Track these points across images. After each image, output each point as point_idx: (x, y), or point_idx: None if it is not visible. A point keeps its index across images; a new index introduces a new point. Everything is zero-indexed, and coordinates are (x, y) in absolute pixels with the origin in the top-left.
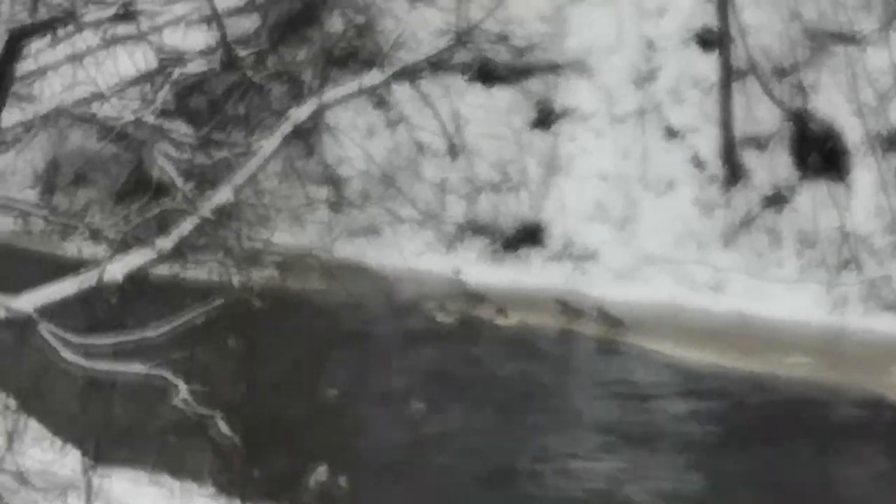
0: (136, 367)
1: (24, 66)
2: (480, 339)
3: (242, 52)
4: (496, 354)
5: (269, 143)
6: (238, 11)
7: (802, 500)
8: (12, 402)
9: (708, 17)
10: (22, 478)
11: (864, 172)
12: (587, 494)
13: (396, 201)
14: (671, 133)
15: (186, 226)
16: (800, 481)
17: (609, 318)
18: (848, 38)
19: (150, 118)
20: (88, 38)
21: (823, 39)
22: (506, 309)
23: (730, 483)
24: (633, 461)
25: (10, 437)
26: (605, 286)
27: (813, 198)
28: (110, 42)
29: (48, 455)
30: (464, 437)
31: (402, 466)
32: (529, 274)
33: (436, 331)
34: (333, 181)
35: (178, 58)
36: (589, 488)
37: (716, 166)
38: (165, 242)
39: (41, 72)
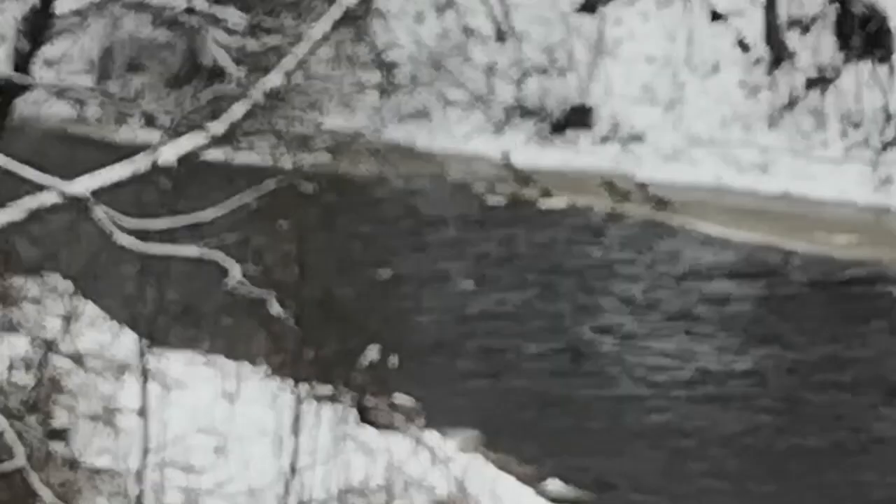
0: (190, 250)
1: None
2: (529, 220)
3: None
4: (544, 235)
5: (318, 28)
6: None
7: (850, 376)
8: (68, 285)
9: None
10: (79, 359)
11: None
12: (635, 373)
13: (445, 85)
14: (716, 16)
15: (238, 110)
16: (847, 357)
17: (657, 199)
18: None
19: (202, 5)
20: None
21: None
22: (551, 191)
23: (777, 360)
24: (681, 340)
25: (67, 320)
26: (652, 167)
27: (856, 78)
28: None
29: (104, 336)
30: (512, 315)
31: (452, 345)
32: (577, 156)
33: (485, 212)
34: (383, 65)
35: None
36: (637, 365)
37: (760, 48)
38: (217, 126)
39: None
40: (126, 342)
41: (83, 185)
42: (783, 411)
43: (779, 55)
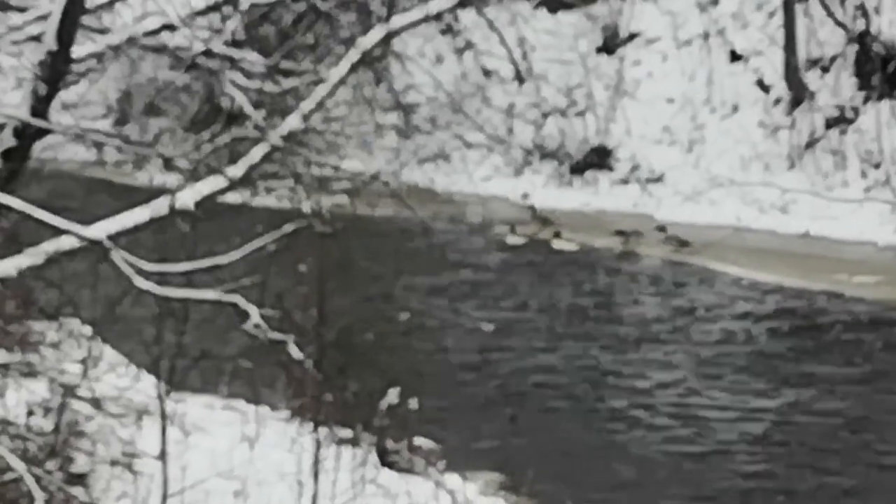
0: (209, 294)
1: None
2: (548, 262)
3: None
4: (564, 277)
5: (337, 71)
6: None
7: (867, 420)
8: (87, 330)
9: None
10: (97, 404)
11: None
12: (655, 410)
13: (464, 127)
14: (736, 56)
15: (257, 153)
16: (865, 400)
17: (677, 240)
18: None
19: (220, 48)
20: None
21: None
22: (562, 231)
23: (795, 401)
24: (701, 379)
25: (86, 364)
26: (672, 208)
27: (877, 118)
28: None
29: (123, 381)
30: (532, 357)
31: (472, 387)
32: (597, 197)
33: (505, 254)
34: (402, 107)
35: None
36: (656, 404)
37: (780, 88)
38: (236, 170)
39: (112, 3)
40: (145, 386)
41: (101, 229)
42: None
43: (798, 95)
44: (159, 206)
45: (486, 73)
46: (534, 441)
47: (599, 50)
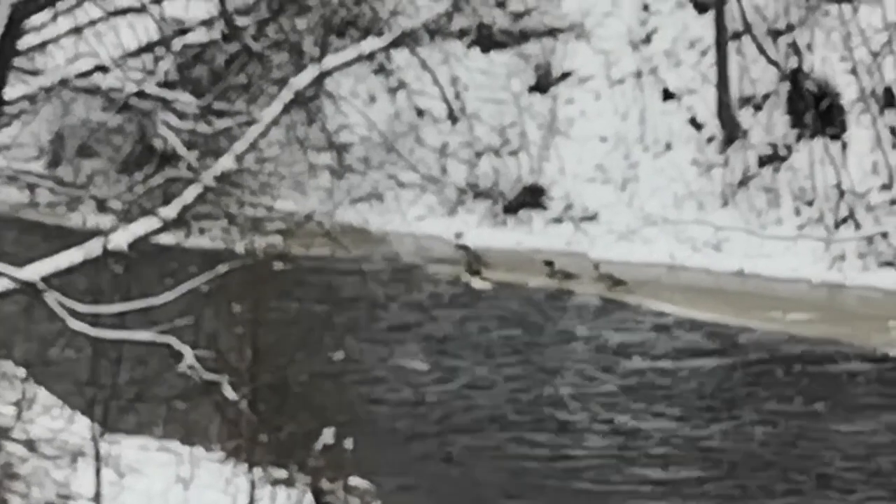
0: (143, 335)
1: (26, 40)
2: (480, 301)
3: (243, 22)
4: (495, 316)
5: (270, 111)
6: None
7: (802, 456)
8: (21, 371)
9: None
10: (31, 445)
11: (860, 130)
12: (587, 448)
13: (398, 166)
14: (668, 94)
15: (190, 194)
16: (800, 436)
17: (611, 279)
18: None
19: (152, 89)
20: (90, 11)
21: None
22: (481, 271)
23: (729, 437)
24: (634, 416)
25: (19, 406)
26: (606, 247)
27: (810, 156)
28: (112, 14)
29: (57, 423)
30: (466, 395)
31: (407, 427)
32: (530, 236)
33: (436, 293)
34: (335, 147)
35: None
36: (589, 443)
37: (713, 126)
38: (169, 211)
39: (44, 45)
40: (79, 428)
41: (35, 270)
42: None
43: (731, 133)
44: (93, 248)
45: (420, 112)
46: (468, 478)
47: (532, 89)
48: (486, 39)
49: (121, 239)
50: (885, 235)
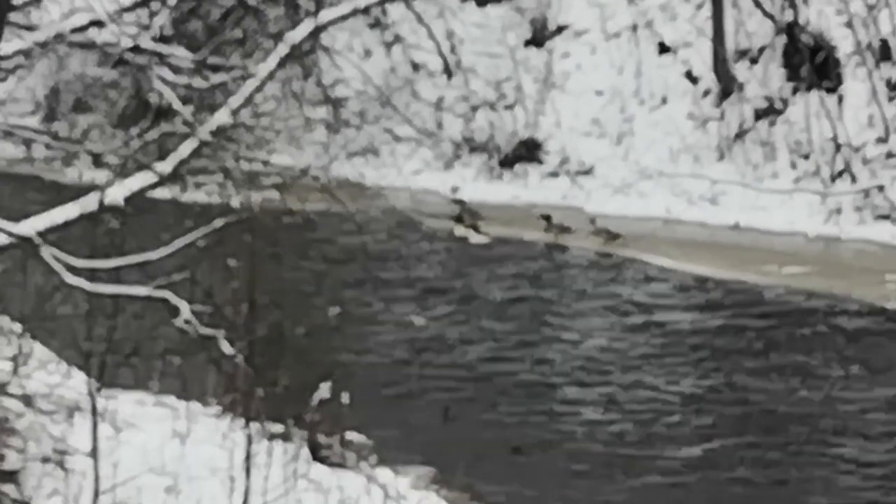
0: (139, 290)
1: None
2: (479, 255)
3: None
4: (494, 269)
5: (265, 66)
6: None
7: (797, 412)
8: (17, 327)
9: None
10: (28, 400)
11: (856, 83)
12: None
13: (393, 121)
14: (664, 48)
15: (185, 149)
16: (795, 392)
17: (607, 232)
18: None
19: (148, 43)
20: None
21: None
22: (479, 225)
23: (724, 393)
24: (629, 371)
25: (16, 361)
26: (601, 201)
27: (805, 109)
28: None
29: (54, 378)
30: (463, 350)
31: (404, 381)
32: (526, 190)
33: (434, 247)
34: (331, 102)
35: None
36: (587, 399)
37: (709, 80)
38: (165, 166)
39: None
40: (76, 383)
41: (31, 225)
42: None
43: (727, 87)
44: (89, 203)
45: (415, 66)
46: (466, 434)
47: (528, 43)
48: None
49: (117, 194)
50: (881, 189)
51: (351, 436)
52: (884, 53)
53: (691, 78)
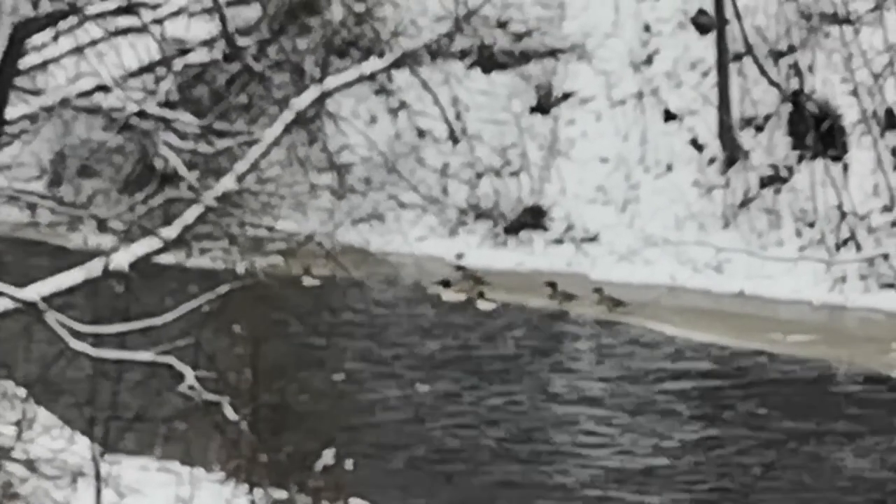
0: (143, 355)
1: (27, 60)
2: (481, 322)
3: (244, 42)
4: (499, 335)
5: (271, 131)
6: (239, 2)
7: (801, 479)
8: (21, 391)
9: (703, 0)
10: (32, 466)
11: (862, 151)
12: (588, 470)
13: (399, 187)
14: (670, 115)
15: (191, 214)
16: (799, 459)
17: (611, 300)
18: (842, 19)
19: (153, 108)
20: (91, 31)
21: (818, 20)
22: (485, 291)
23: (730, 460)
24: (634, 437)
25: (20, 426)
26: (606, 268)
27: (811, 177)
28: (113, 34)
29: (57, 443)
30: (469, 416)
31: (408, 447)
32: (531, 257)
33: (439, 314)
34: (336, 168)
35: (181, 48)
36: (590, 464)
37: (714, 147)
38: (170, 231)
39: (45, 65)
40: (80, 448)
41: (35, 290)
42: None
43: (733, 154)
44: (93, 268)
45: (421, 133)
46: (470, 501)
47: (533, 110)
48: (488, 60)
49: (122, 259)
50: (886, 257)
51: (355, 502)
52: (889, 122)
53: (697, 145)
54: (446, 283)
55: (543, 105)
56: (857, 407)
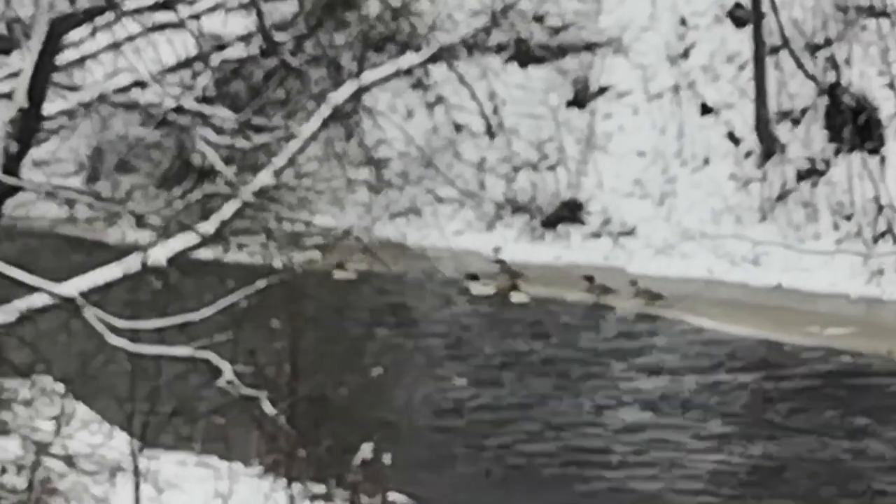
0: (181, 350)
1: (65, 56)
2: (520, 317)
3: (281, 37)
4: (536, 330)
5: (308, 126)
6: None
7: (840, 473)
8: (60, 387)
9: None
10: (70, 461)
11: None
12: (629, 466)
13: (436, 181)
14: (706, 109)
15: (228, 209)
16: (838, 453)
17: (649, 293)
18: (879, 12)
19: (191, 104)
20: (129, 26)
21: (854, 13)
22: (520, 285)
23: (768, 455)
24: (671, 431)
25: (59, 422)
26: (643, 261)
27: (848, 170)
28: (150, 29)
29: (96, 438)
30: (507, 410)
31: (446, 442)
32: (568, 251)
33: (476, 308)
34: (373, 163)
35: (218, 44)
36: (629, 461)
37: (751, 141)
38: (208, 226)
39: (82, 60)
40: (118, 444)
41: (73, 286)
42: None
43: (769, 148)
44: (131, 263)
45: (457, 127)
46: (509, 495)
47: (570, 104)
48: (524, 54)
49: (159, 254)
50: None
51: (393, 496)
52: None
53: (733, 139)
54: (474, 277)
55: (580, 99)
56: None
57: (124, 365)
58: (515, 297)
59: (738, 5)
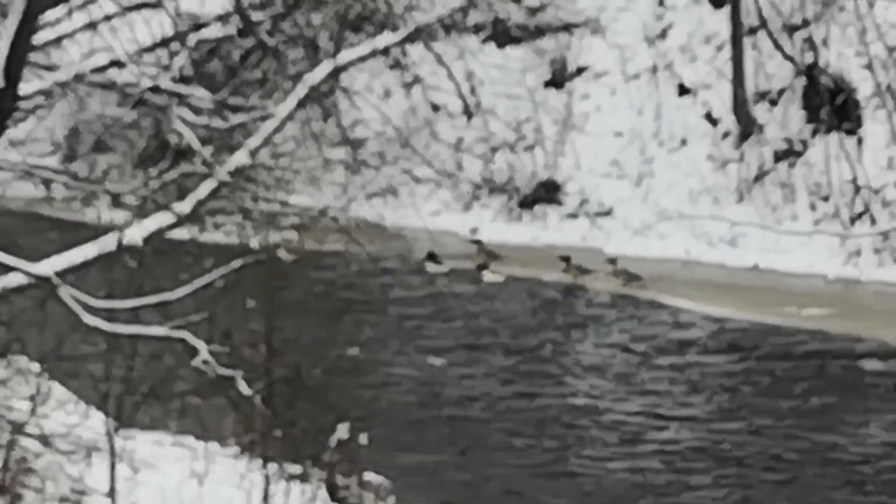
0: (157, 330)
1: (41, 35)
2: (494, 296)
3: (258, 17)
4: (511, 310)
5: (285, 106)
6: None
7: (816, 453)
8: (35, 366)
9: None
10: (46, 441)
11: (876, 125)
12: (606, 446)
13: (413, 162)
14: (684, 90)
15: (204, 189)
16: (814, 434)
17: (626, 274)
18: None
19: (167, 84)
20: (105, 6)
21: None
22: (489, 265)
23: (744, 434)
24: (649, 410)
25: (34, 401)
26: (621, 242)
27: (825, 151)
28: (127, 9)
29: (72, 418)
30: (483, 390)
31: (422, 422)
32: (546, 232)
33: (452, 288)
34: (350, 143)
35: (195, 24)
36: (607, 440)
37: (729, 122)
38: (184, 206)
39: (59, 40)
40: (94, 423)
41: (49, 265)
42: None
43: (747, 128)
44: (107, 243)
45: (435, 107)
46: (482, 475)
47: (548, 84)
48: (502, 34)
49: (135, 234)
50: None
51: (369, 476)
52: None
53: (711, 119)
54: (431, 256)
55: (558, 79)
56: (874, 378)
57: (100, 345)
58: (488, 277)
59: None
